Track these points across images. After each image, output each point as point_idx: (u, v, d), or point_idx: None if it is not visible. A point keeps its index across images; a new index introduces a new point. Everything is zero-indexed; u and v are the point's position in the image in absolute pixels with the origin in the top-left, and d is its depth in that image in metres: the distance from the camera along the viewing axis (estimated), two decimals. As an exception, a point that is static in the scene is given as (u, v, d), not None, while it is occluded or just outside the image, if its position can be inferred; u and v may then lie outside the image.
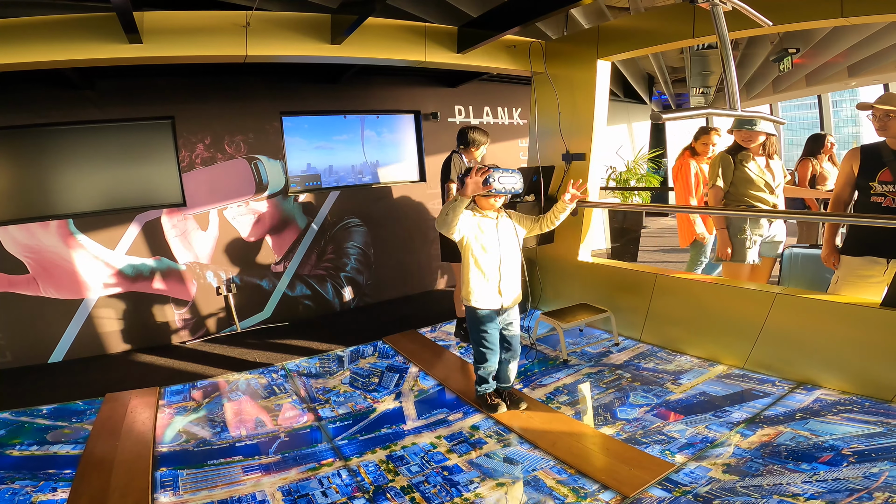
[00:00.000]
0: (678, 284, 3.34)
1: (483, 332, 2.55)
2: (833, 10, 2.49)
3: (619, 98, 7.61)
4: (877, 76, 6.12)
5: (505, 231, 2.52)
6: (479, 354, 2.60)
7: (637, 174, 6.54)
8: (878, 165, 2.53)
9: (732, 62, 1.91)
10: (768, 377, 2.78)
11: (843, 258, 2.70)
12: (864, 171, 2.59)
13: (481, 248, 2.47)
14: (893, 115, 2.45)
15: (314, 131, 4.84)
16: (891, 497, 1.72)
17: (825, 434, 2.19)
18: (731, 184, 3.21)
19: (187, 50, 2.81)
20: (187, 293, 4.25)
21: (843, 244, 2.74)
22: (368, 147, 5.13)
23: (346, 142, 5.01)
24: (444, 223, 2.37)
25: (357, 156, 5.07)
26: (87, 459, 2.43)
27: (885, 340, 2.42)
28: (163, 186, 4.16)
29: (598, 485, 2.01)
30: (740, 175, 3.18)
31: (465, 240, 2.47)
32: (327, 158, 4.92)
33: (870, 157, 2.58)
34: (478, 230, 2.47)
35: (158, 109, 4.05)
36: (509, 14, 3.21)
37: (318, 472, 2.24)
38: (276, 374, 3.38)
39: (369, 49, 3.37)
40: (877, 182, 2.53)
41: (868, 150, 2.60)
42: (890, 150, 2.49)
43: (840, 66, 6.18)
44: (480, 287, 2.50)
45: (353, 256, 4.98)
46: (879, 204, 2.52)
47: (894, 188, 2.47)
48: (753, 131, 3.11)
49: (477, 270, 2.48)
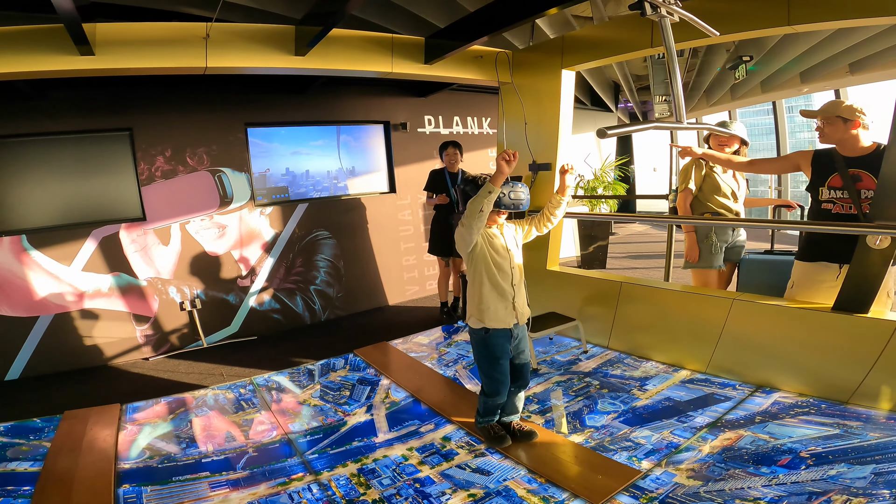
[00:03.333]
0: (642, 292, 3.41)
1: (495, 361, 2.33)
2: (780, 18, 2.56)
3: (586, 106, 7.75)
4: (828, 82, 6.37)
5: (511, 244, 2.37)
6: (491, 386, 2.38)
7: (604, 182, 6.67)
8: (828, 171, 2.59)
9: (678, 74, 1.91)
10: (729, 381, 2.86)
11: (797, 263, 2.78)
12: (815, 176, 2.65)
13: (494, 265, 2.29)
14: (833, 123, 2.51)
15: (291, 137, 4.79)
16: (849, 500, 1.77)
17: (783, 437, 2.25)
18: (699, 189, 3.32)
19: (142, 62, 2.74)
20: (149, 309, 4.12)
21: (798, 250, 2.83)
22: (344, 153, 5.09)
23: (323, 147, 4.97)
24: (478, 218, 2.15)
25: (333, 162, 5.03)
26: (46, 476, 2.36)
27: (839, 343, 2.51)
28: (121, 200, 4.03)
29: (568, 493, 2.03)
30: (709, 182, 3.29)
31: (477, 250, 2.29)
32: (304, 164, 4.88)
33: (822, 162, 2.63)
34: (489, 246, 2.30)
35: (115, 121, 3.93)
36: (476, 25, 3.23)
37: (288, 487, 2.21)
38: (245, 389, 3.31)
39: (335, 60, 3.34)
40: (826, 187, 2.59)
41: (821, 155, 2.66)
42: (840, 157, 2.55)
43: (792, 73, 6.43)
44: (495, 306, 2.30)
45: (322, 269, 4.92)
46: (829, 210, 2.59)
47: (843, 194, 2.54)
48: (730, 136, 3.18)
49: (490, 288, 2.30)
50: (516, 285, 2.34)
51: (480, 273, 2.31)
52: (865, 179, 2.47)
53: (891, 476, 1.88)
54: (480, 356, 2.39)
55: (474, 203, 2.16)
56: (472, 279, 2.36)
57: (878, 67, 5.46)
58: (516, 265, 2.36)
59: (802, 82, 6.45)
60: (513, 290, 2.32)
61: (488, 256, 2.29)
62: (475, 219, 2.16)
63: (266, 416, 2.93)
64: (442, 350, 3.82)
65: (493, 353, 2.33)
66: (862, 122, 2.46)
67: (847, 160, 2.53)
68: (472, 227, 2.19)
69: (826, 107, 2.56)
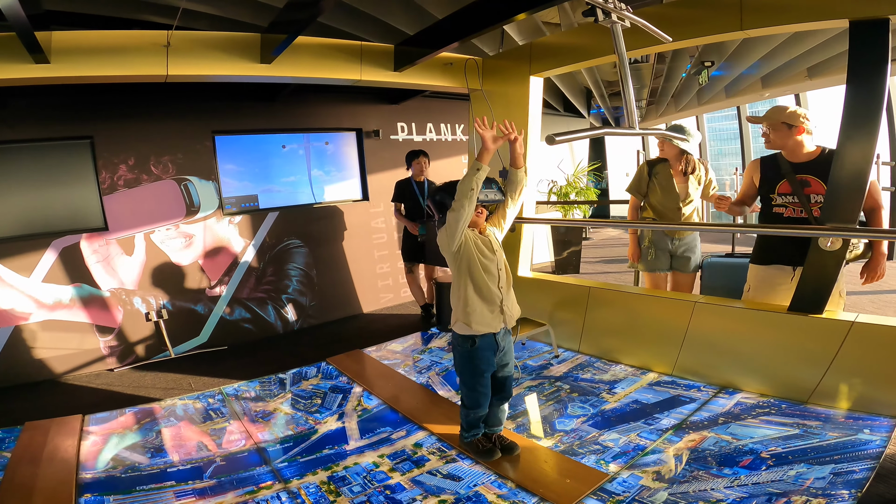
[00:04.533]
0: (610, 296, 3.46)
1: (479, 374, 2.25)
2: (733, 23, 2.61)
3: (559, 112, 7.85)
4: (787, 87, 6.57)
5: (496, 246, 2.28)
6: (472, 399, 2.29)
7: (577, 187, 6.76)
8: (776, 178, 2.64)
9: (630, 81, 1.91)
10: (694, 383, 2.92)
11: (752, 267, 2.84)
12: (764, 184, 2.70)
13: (481, 267, 2.20)
14: (777, 129, 2.55)
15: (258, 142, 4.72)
16: (808, 500, 1.81)
17: (745, 437, 2.30)
18: (646, 194, 3.41)
19: (100, 70, 2.67)
20: (112, 320, 4.01)
21: (752, 254, 2.89)
22: (315, 160, 5.06)
23: (291, 152, 4.91)
24: (469, 198, 2.05)
25: (303, 167, 4.98)
26: (6, 486, 2.31)
27: (796, 343, 2.58)
28: (82, 210, 3.91)
29: (537, 498, 2.04)
30: (652, 186, 3.37)
31: (462, 251, 2.19)
32: (272, 168, 4.82)
33: (769, 170, 2.67)
34: (475, 248, 2.21)
35: (75, 129, 3.82)
36: (445, 32, 3.25)
37: (257, 496, 2.18)
38: (213, 399, 3.24)
39: (302, 68, 3.32)
40: (776, 194, 2.64)
41: (767, 163, 2.69)
42: (787, 163, 2.60)
43: (754, 78, 6.62)
44: (481, 309, 2.20)
45: (294, 278, 4.86)
46: (781, 214, 2.64)
47: (793, 199, 2.59)
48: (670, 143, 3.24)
49: (476, 290, 2.20)
50: (503, 287, 2.25)
51: (465, 275, 2.20)
52: (814, 184, 2.52)
53: (850, 476, 1.93)
54: (463, 368, 2.29)
55: (464, 184, 2.07)
56: (456, 282, 2.25)
57: (836, 71, 5.64)
58: (504, 267, 2.28)
59: (764, 87, 6.65)
60: (500, 292, 2.23)
61: (475, 257, 2.19)
62: (466, 198, 2.05)
63: (236, 425, 2.88)
64: (415, 357, 3.81)
65: (477, 365, 2.24)
66: (806, 127, 2.50)
67: (794, 166, 2.58)
68: (463, 207, 2.06)
69: (770, 113, 2.59)
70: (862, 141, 2.31)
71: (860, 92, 2.31)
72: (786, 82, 6.37)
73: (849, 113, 2.34)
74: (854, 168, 2.33)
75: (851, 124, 2.34)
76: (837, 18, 2.33)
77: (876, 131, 2.28)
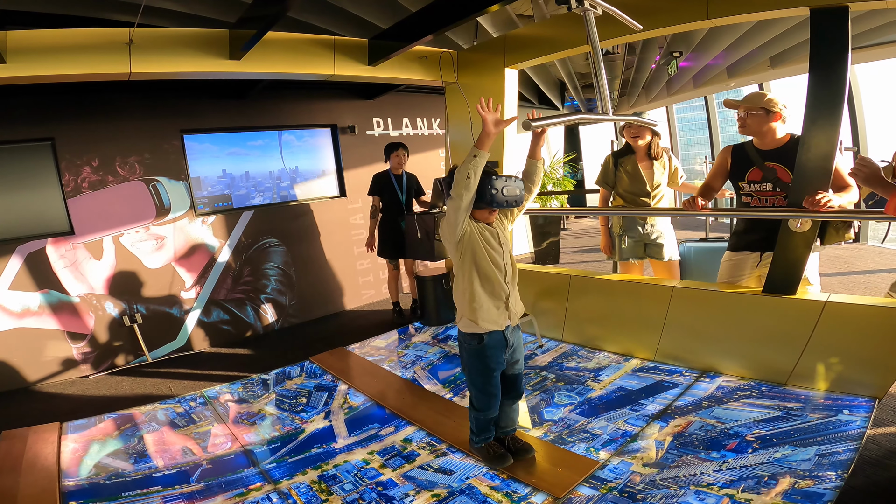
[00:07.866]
0: (590, 284, 3.50)
1: (490, 374, 2.14)
2: (699, 12, 2.66)
3: (534, 105, 7.88)
4: (752, 76, 6.73)
5: (503, 238, 2.17)
6: (481, 401, 2.18)
7: (553, 178, 6.82)
8: (747, 165, 2.65)
9: (603, 68, 1.90)
10: (676, 367, 2.98)
11: (726, 253, 2.89)
12: (735, 171, 2.74)
13: (488, 258, 2.08)
14: (756, 114, 2.56)
15: (226, 137, 4.59)
16: (797, 482, 1.85)
17: (730, 421, 2.34)
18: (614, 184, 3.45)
19: (59, 69, 2.55)
20: (84, 326, 3.87)
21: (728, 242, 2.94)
22: (288, 155, 4.94)
23: (262, 147, 4.79)
24: (466, 187, 1.93)
25: (276, 162, 4.87)
26: None
27: (771, 325, 2.65)
28: (46, 214, 3.75)
29: (530, 488, 2.06)
30: (620, 175, 3.42)
31: (466, 241, 2.07)
32: (243, 165, 4.68)
33: (739, 157, 2.69)
34: (480, 238, 2.09)
35: (35, 130, 3.65)
36: (419, 25, 3.21)
37: (246, 498, 2.14)
38: (195, 402, 3.18)
39: (273, 64, 3.24)
40: (746, 182, 2.68)
41: (738, 150, 2.70)
42: (755, 150, 2.64)
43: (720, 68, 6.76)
44: (487, 304, 2.09)
45: (273, 277, 4.77)
46: (748, 204, 2.70)
47: (761, 187, 2.64)
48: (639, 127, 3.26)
49: (482, 284, 2.08)
50: (510, 282, 2.14)
51: (470, 267, 2.07)
52: (780, 172, 2.57)
53: (834, 457, 1.96)
54: (472, 367, 2.17)
55: (460, 171, 1.94)
56: (459, 275, 2.11)
57: (797, 61, 5.81)
58: (510, 261, 2.16)
59: (729, 77, 6.80)
60: (506, 287, 2.12)
61: (481, 248, 2.07)
62: (464, 187, 1.93)
63: (220, 428, 2.83)
64: (400, 352, 3.79)
65: (487, 364, 2.12)
66: (783, 114, 2.54)
67: (762, 154, 2.61)
68: (461, 197, 1.94)
69: (750, 97, 2.59)
70: (826, 126, 2.37)
71: (822, 78, 2.36)
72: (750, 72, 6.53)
73: (812, 99, 2.39)
74: (819, 151, 2.39)
75: (815, 110, 2.39)
76: (798, 7, 2.39)
77: (839, 116, 2.33)
